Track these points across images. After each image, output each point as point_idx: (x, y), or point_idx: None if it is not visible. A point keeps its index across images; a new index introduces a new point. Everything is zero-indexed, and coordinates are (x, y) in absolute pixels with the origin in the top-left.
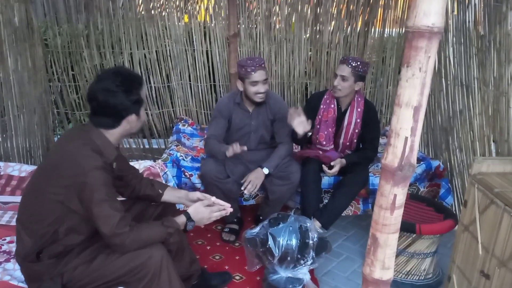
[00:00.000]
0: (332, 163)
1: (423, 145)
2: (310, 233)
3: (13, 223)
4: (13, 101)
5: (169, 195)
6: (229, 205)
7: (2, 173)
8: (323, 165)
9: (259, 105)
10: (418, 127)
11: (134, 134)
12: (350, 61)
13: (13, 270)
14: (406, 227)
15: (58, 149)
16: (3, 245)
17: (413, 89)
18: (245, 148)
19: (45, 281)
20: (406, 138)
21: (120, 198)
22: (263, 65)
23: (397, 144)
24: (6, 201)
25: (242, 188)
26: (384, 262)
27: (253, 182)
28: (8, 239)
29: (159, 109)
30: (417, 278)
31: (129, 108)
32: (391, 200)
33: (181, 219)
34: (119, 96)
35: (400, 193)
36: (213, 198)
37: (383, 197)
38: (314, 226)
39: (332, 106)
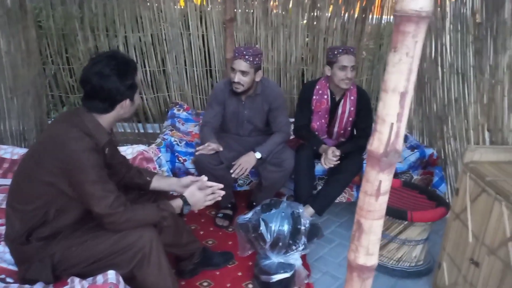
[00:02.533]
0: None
1: (418, 133)
2: (302, 219)
3: (4, 205)
4: (6, 84)
5: (158, 183)
6: (221, 185)
7: None
8: (321, 160)
9: (252, 95)
10: (404, 113)
11: (128, 119)
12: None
13: (3, 253)
14: (398, 214)
15: (49, 131)
16: None
17: (400, 75)
18: (221, 148)
19: (34, 263)
20: (392, 124)
21: None
22: (246, 57)
23: (383, 130)
24: None
25: (231, 171)
26: (368, 248)
27: (243, 165)
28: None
29: (154, 94)
30: (408, 265)
31: (123, 93)
32: (376, 186)
33: (177, 203)
34: (113, 80)
35: (385, 180)
36: (205, 178)
37: (369, 183)
38: (306, 213)
39: (325, 96)
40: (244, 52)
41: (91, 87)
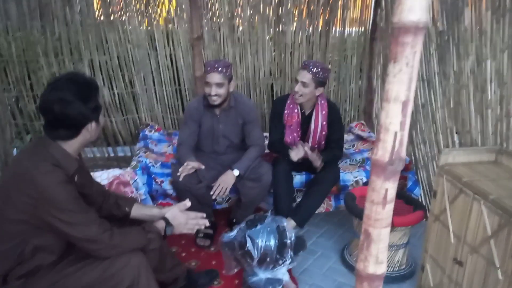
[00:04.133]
0: (311, 159)
1: None
2: (287, 233)
3: None
4: None
5: (139, 213)
6: (203, 214)
7: None
8: (289, 151)
9: (226, 109)
10: (407, 122)
11: (95, 141)
12: (310, 67)
13: None
14: None
15: (15, 167)
16: None
17: (401, 84)
18: (202, 166)
19: None
20: (396, 132)
21: None
22: (219, 69)
23: (387, 139)
24: None
25: (211, 193)
26: (377, 257)
27: (222, 185)
28: None
29: (123, 116)
30: (391, 270)
31: (88, 117)
32: (383, 194)
33: (160, 224)
34: (77, 106)
35: (391, 188)
36: (188, 204)
37: (375, 192)
38: (289, 226)
39: (296, 111)
40: (216, 65)
41: (54, 115)
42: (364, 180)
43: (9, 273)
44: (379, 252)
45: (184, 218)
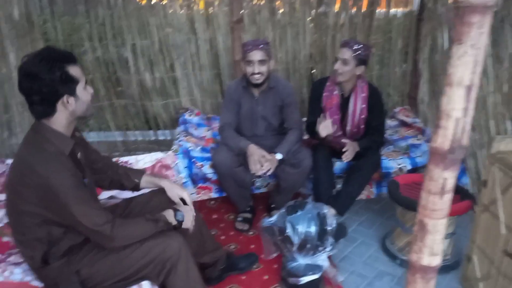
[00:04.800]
0: (344, 149)
1: (433, 126)
2: (328, 220)
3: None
4: (17, 99)
5: (146, 182)
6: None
7: None
8: (343, 156)
9: (265, 90)
10: (470, 108)
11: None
12: (351, 44)
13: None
14: None
15: (17, 158)
16: None
17: (465, 68)
18: (269, 172)
19: (61, 283)
20: (458, 119)
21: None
22: (261, 46)
23: (448, 126)
24: None
25: (253, 169)
26: (432, 248)
27: (267, 165)
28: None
29: (163, 100)
30: None
31: (56, 89)
32: (441, 184)
33: (168, 212)
34: (41, 77)
35: (450, 177)
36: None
37: (432, 182)
38: (329, 213)
39: (335, 92)
40: (257, 43)
41: (24, 92)
42: (408, 167)
43: (48, 255)
44: (434, 244)
45: (178, 187)
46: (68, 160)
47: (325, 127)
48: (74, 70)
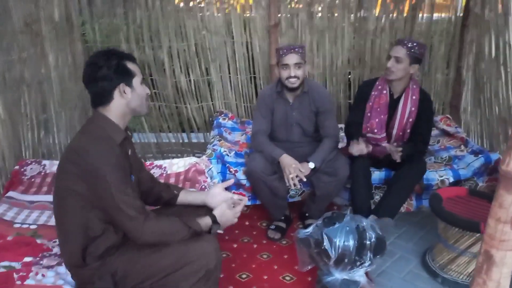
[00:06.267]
0: (395, 149)
1: (476, 137)
2: (367, 233)
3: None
4: (54, 98)
5: (185, 196)
6: (246, 199)
7: (48, 172)
8: (393, 154)
9: (300, 95)
10: None
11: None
12: (405, 42)
13: (66, 274)
14: (469, 226)
15: (73, 141)
16: (53, 247)
17: None
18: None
19: (96, 283)
20: None
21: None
22: (296, 49)
23: None
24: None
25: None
26: (499, 283)
27: (297, 173)
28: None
29: (198, 103)
30: None
31: (112, 77)
32: None
33: (205, 221)
34: (100, 66)
35: None
36: (231, 182)
37: (503, 209)
38: (371, 225)
39: (384, 92)
40: (292, 47)
41: (86, 79)
42: (451, 180)
43: (86, 252)
44: (501, 277)
45: (231, 215)
46: (118, 149)
47: (359, 150)
48: (131, 65)
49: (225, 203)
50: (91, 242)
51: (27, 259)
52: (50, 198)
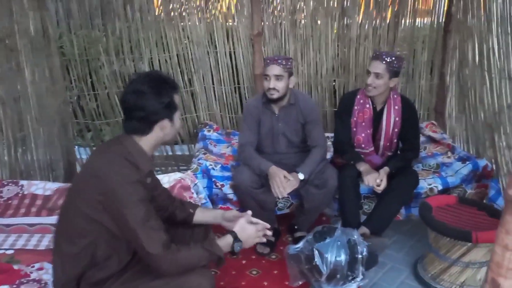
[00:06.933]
0: (378, 180)
1: (462, 142)
2: (359, 247)
3: (41, 247)
4: (32, 114)
5: (202, 215)
6: (268, 225)
7: (25, 193)
8: (364, 178)
9: (286, 106)
10: None
11: (169, 142)
12: (384, 56)
13: None
14: (461, 236)
15: (91, 163)
16: (32, 272)
17: None
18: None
19: None
20: None
21: None
22: (279, 61)
23: None
24: (32, 223)
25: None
26: None
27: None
28: (37, 265)
29: (182, 115)
30: None
31: (159, 112)
32: None
33: (226, 240)
34: (148, 97)
35: None
36: (249, 213)
37: (510, 236)
38: (360, 239)
39: (367, 106)
40: (276, 58)
41: (128, 106)
42: (440, 188)
43: (82, 278)
44: None
45: (253, 230)
46: (142, 179)
47: (373, 178)
48: (176, 98)
49: (243, 218)
50: (91, 268)
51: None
52: (28, 220)
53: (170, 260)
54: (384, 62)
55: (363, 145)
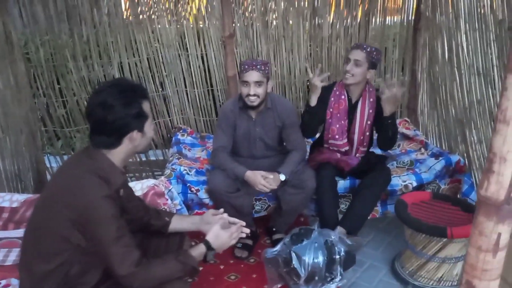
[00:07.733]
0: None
1: (435, 138)
2: (336, 248)
3: (8, 262)
4: None
5: (179, 223)
6: (243, 223)
7: None
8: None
9: (263, 111)
10: None
11: (142, 152)
12: (364, 46)
13: None
14: (436, 232)
15: (60, 178)
16: None
17: None
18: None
19: None
20: None
21: None
22: (258, 67)
23: (504, 172)
24: None
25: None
26: None
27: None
28: (3, 282)
29: (155, 119)
30: (449, 284)
31: (129, 124)
32: (494, 240)
33: (199, 250)
34: (117, 111)
35: (505, 232)
36: (225, 215)
37: (483, 237)
38: (340, 238)
39: (343, 97)
40: (254, 63)
41: (95, 120)
42: (414, 184)
43: None
44: None
45: (227, 236)
46: (114, 194)
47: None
48: (146, 106)
49: (217, 224)
50: (65, 284)
51: None
52: None
53: (143, 276)
54: (364, 51)
55: (336, 136)
